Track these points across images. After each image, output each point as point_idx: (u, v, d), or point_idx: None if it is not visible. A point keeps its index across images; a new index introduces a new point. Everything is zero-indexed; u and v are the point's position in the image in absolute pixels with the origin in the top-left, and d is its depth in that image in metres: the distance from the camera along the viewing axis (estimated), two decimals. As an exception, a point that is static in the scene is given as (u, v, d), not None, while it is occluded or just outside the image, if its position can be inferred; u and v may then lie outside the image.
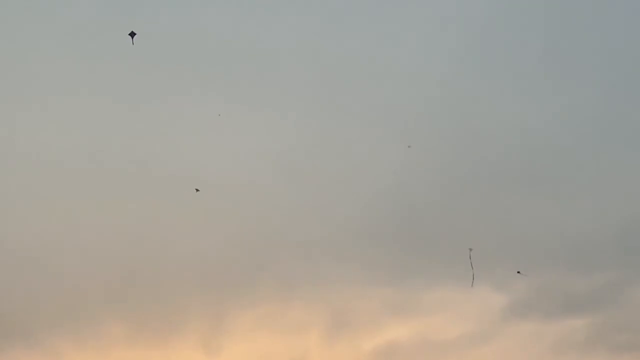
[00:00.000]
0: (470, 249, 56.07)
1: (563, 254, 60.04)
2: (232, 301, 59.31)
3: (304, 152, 62.26)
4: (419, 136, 62.43)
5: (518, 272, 57.97)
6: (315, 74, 63.27)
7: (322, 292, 59.92)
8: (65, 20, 61.28)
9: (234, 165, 61.37)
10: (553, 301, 60.20)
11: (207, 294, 59.12)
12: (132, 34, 50.51)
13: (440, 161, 62.00)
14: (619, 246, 60.06)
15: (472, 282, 56.90)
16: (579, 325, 59.52)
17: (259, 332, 59.29)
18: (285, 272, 59.91)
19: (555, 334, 59.59)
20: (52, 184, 59.65)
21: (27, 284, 57.99)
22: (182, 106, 61.44)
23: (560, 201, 61.18)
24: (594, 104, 63.82)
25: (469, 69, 63.78)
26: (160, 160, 60.67)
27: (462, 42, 63.38)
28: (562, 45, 64.36)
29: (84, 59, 61.11)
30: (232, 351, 58.75)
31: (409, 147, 55.73)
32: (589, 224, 60.14)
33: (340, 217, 60.98)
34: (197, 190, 56.08)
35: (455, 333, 59.75)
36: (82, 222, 59.25)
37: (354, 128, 62.85)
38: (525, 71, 64.17)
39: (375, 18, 63.68)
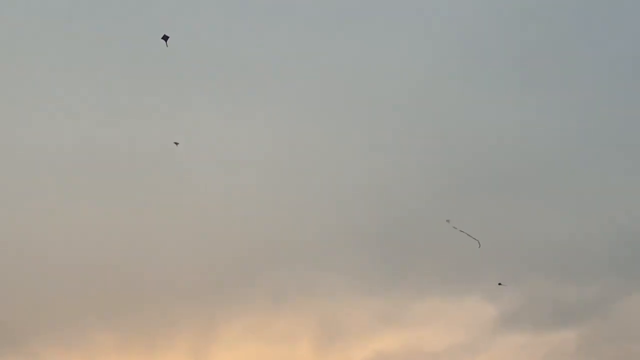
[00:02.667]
0: (448, 220, 55.84)
1: (554, 265, 60.16)
2: (222, 310, 59.08)
3: (293, 162, 62.45)
4: (409, 147, 62.75)
5: (499, 284, 57.89)
6: (302, 83, 63.64)
7: (312, 302, 59.77)
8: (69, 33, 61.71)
9: (225, 175, 61.37)
10: (544, 312, 60.20)
11: (197, 303, 58.85)
12: (165, 38, 50.97)
13: (431, 172, 62.27)
14: (609, 258, 60.32)
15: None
16: (570, 336, 59.50)
17: (249, 342, 59.02)
18: (276, 282, 59.82)
19: (545, 345, 59.51)
20: (43, 193, 59.50)
21: (15, 292, 57.53)
22: (175, 114, 61.60)
23: (551, 213, 61.42)
24: (588, 116, 64.42)
25: (459, 78, 64.31)
26: (151, 173, 60.61)
27: (451, 52, 63.93)
28: (552, 55, 64.97)
29: (85, 64, 61.34)
30: (222, 360, 58.47)
31: (447, 221, 56.03)
32: (579, 236, 60.38)
33: (331, 227, 61.03)
34: (176, 143, 55.65)
35: (446, 343, 59.63)
36: (72, 232, 59.03)
37: (345, 139, 63.05)
38: (517, 81, 64.78)
39: (362, 27, 64.14)
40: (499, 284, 57.91)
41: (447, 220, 55.06)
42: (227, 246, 59.52)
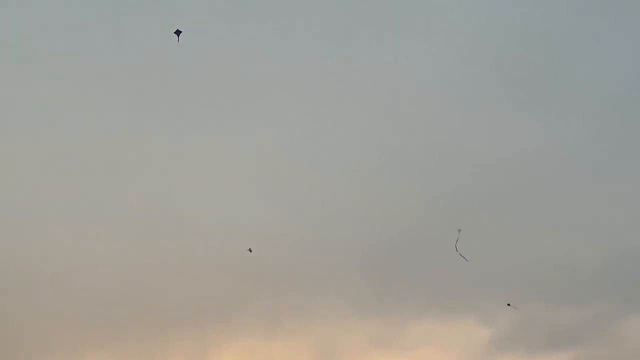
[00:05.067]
0: (459, 230, 55.91)
1: (548, 288, 60.04)
2: (217, 334, 59.13)
3: (288, 185, 62.54)
4: (404, 169, 62.88)
5: (508, 304, 57.81)
6: (300, 106, 63.89)
7: (308, 326, 59.85)
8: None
9: (217, 201, 61.58)
10: (538, 335, 60.08)
11: (191, 326, 58.97)
12: (178, 32, 50.81)
13: (426, 195, 62.26)
14: (605, 280, 60.19)
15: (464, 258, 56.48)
16: (565, 359, 59.38)
17: (243, 366, 59.09)
18: (269, 307, 59.87)
19: (540, 368, 59.51)
20: (42, 213, 59.82)
21: (8, 312, 57.74)
22: (164, 139, 61.99)
23: (547, 235, 61.38)
24: (583, 138, 64.48)
25: (456, 101, 64.44)
26: (143, 197, 60.89)
27: (449, 72, 64.13)
28: (551, 78, 65.14)
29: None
30: (216, 384, 58.58)
31: (459, 230, 56.13)
32: (575, 258, 60.29)
33: (325, 251, 61.09)
34: (250, 250, 56.52)
35: (441, 366, 59.65)
36: (66, 254, 59.16)
37: (338, 162, 63.20)
38: (516, 101, 64.85)
39: (357, 48, 64.40)
40: (508, 304, 57.89)
41: (459, 230, 55.24)
42: (221, 271, 59.67)
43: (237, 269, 59.39)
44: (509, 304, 57.57)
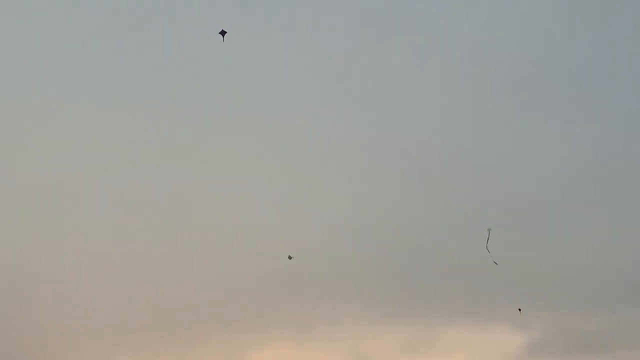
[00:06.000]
0: (489, 229, 55.52)
1: (581, 293, 59.76)
2: (247, 341, 58.94)
3: (317, 193, 62.26)
4: (431, 177, 62.59)
5: (519, 309, 57.51)
6: (324, 115, 63.58)
7: (338, 333, 59.59)
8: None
9: (247, 206, 61.27)
10: (571, 341, 59.82)
11: (221, 334, 58.77)
12: (223, 33, 50.15)
13: (454, 200, 61.91)
14: (638, 284, 59.75)
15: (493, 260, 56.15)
16: (598, 365, 59.15)
17: (275, 373, 58.88)
18: (301, 313, 59.61)
19: (573, 374, 59.23)
20: (66, 218, 59.54)
21: (41, 317, 57.60)
22: (199, 144, 61.74)
23: (578, 238, 61.02)
24: (608, 141, 64.06)
25: (476, 111, 64.06)
26: (177, 205, 60.66)
27: (458, 83, 63.90)
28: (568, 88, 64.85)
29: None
30: (247, 391, 58.47)
31: (489, 230, 55.75)
32: (607, 262, 59.89)
33: (355, 258, 60.79)
34: (290, 257, 56.13)
35: (473, 373, 59.39)
36: (96, 259, 58.98)
37: (366, 169, 62.96)
38: (529, 110, 64.53)
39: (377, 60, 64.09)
40: (519, 309, 57.56)
41: (489, 230, 54.91)
42: (254, 277, 59.40)
43: (267, 277, 59.10)
44: (519, 309, 57.30)
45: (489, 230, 55.34)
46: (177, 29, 62.68)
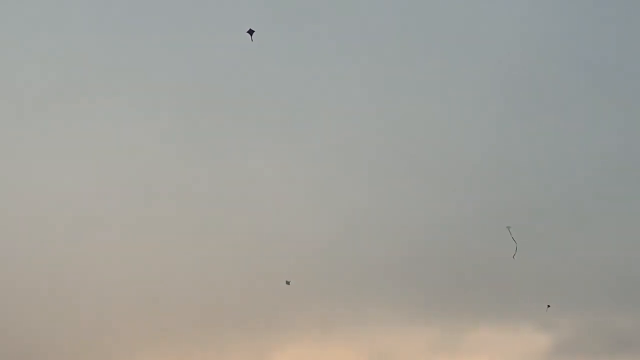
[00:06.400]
0: (508, 227, 54.88)
1: (610, 291, 58.92)
2: (271, 340, 58.77)
3: (341, 192, 62.00)
4: (458, 174, 62.10)
5: (548, 305, 56.69)
6: (351, 115, 63.35)
7: (364, 332, 59.21)
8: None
9: (273, 204, 61.19)
10: (600, 341, 58.96)
11: (245, 332, 58.60)
12: (251, 32, 50.01)
13: (482, 199, 61.33)
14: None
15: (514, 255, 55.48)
16: (628, 366, 58.27)
17: (299, 372, 58.63)
18: (325, 312, 59.29)
19: (602, 375, 58.38)
20: (101, 214, 59.71)
21: (67, 318, 57.76)
22: (217, 144, 61.83)
23: (607, 236, 60.21)
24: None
25: (493, 110, 63.72)
26: (197, 197, 60.64)
27: (492, 89, 63.54)
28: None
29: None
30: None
31: (508, 228, 55.24)
32: (638, 259, 59.00)
33: (381, 257, 60.35)
34: (287, 282, 56.05)
35: (500, 374, 58.72)
36: (122, 257, 59.07)
37: (390, 169, 62.64)
38: (561, 110, 63.94)
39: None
40: (548, 306, 56.76)
41: (508, 227, 54.32)
42: (277, 277, 59.03)
43: (291, 275, 58.76)
44: (549, 306, 56.46)
45: (508, 228, 54.73)
46: (194, 29, 62.84)
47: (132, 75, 62.03)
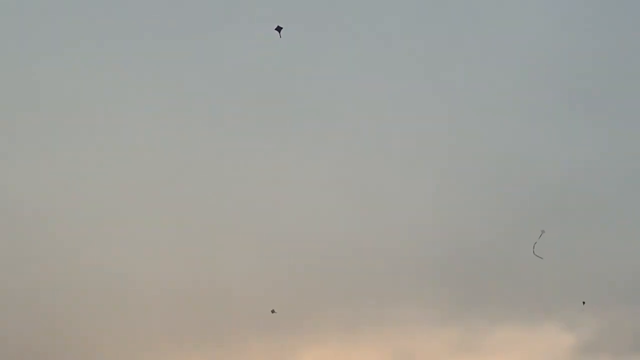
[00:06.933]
0: (543, 231, 55.05)
1: (633, 291, 58.79)
2: (295, 341, 58.85)
3: (369, 192, 62.18)
4: (480, 175, 62.19)
5: (583, 302, 56.74)
6: (387, 112, 63.62)
7: (387, 333, 59.28)
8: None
9: (302, 205, 61.46)
10: (624, 340, 58.80)
11: (269, 333, 58.72)
12: (279, 29, 50.24)
13: (501, 200, 61.44)
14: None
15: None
16: (652, 365, 58.17)
17: (323, 372, 58.81)
18: (349, 313, 59.42)
19: (626, 374, 58.30)
20: (122, 215, 60.13)
21: (96, 321, 58.18)
22: (244, 142, 62.14)
23: (628, 236, 60.11)
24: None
25: (525, 110, 63.67)
26: (227, 200, 61.03)
27: (515, 87, 63.57)
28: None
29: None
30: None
31: (542, 231, 55.51)
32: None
33: (402, 258, 60.50)
34: (273, 311, 56.40)
35: (523, 373, 58.74)
36: (145, 259, 59.45)
37: (413, 170, 62.74)
38: (586, 110, 63.93)
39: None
40: (583, 302, 56.83)
41: (542, 231, 54.49)
42: (303, 278, 59.51)
43: (315, 276, 59.15)
44: (584, 302, 56.50)
45: (542, 232, 54.92)
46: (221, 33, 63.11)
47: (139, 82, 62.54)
